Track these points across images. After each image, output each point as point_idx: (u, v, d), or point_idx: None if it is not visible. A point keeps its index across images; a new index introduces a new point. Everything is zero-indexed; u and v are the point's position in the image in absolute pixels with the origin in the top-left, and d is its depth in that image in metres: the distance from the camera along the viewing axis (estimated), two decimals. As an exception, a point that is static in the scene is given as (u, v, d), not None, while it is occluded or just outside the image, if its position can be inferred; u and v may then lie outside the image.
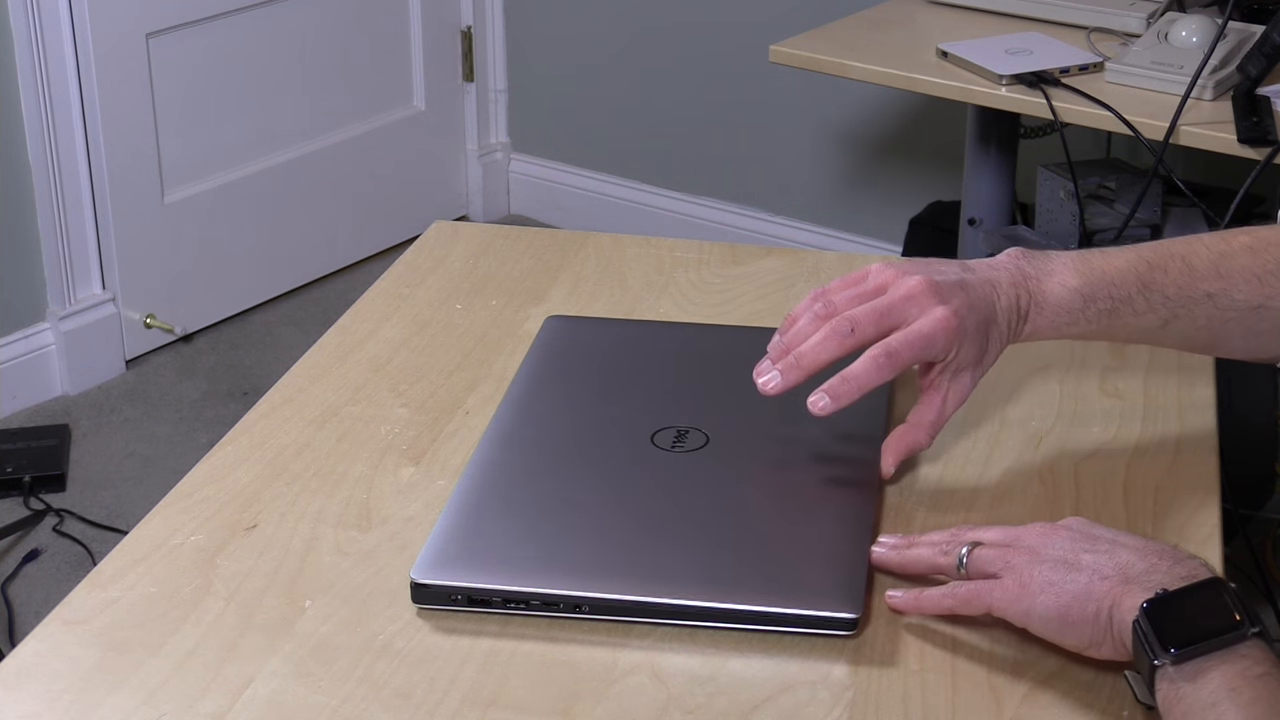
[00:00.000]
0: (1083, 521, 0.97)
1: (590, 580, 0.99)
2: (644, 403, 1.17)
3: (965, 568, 0.96)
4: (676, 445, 1.11)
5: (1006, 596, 0.93)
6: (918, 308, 1.05)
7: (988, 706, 0.92)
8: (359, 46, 3.43)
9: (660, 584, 0.98)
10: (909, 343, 1.04)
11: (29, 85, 2.86)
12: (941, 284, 1.05)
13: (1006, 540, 0.96)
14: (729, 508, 1.06)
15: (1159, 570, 0.89)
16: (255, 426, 1.21)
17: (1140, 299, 1.07)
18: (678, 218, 3.49)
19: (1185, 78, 1.99)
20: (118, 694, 0.93)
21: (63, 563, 2.57)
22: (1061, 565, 0.92)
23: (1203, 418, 1.19)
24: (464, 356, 1.30)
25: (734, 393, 1.15)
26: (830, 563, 1.00)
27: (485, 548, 1.03)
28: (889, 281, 1.06)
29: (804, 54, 2.25)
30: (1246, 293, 1.07)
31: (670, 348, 1.27)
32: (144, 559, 1.05)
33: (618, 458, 1.12)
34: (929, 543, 1.00)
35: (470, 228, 1.56)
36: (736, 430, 1.13)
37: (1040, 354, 1.27)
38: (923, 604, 0.97)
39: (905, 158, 3.18)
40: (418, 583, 0.99)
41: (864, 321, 1.05)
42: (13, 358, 2.97)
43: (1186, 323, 1.08)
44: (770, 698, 0.92)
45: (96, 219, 3.02)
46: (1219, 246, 1.08)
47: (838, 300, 1.07)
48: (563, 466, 1.11)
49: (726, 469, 1.09)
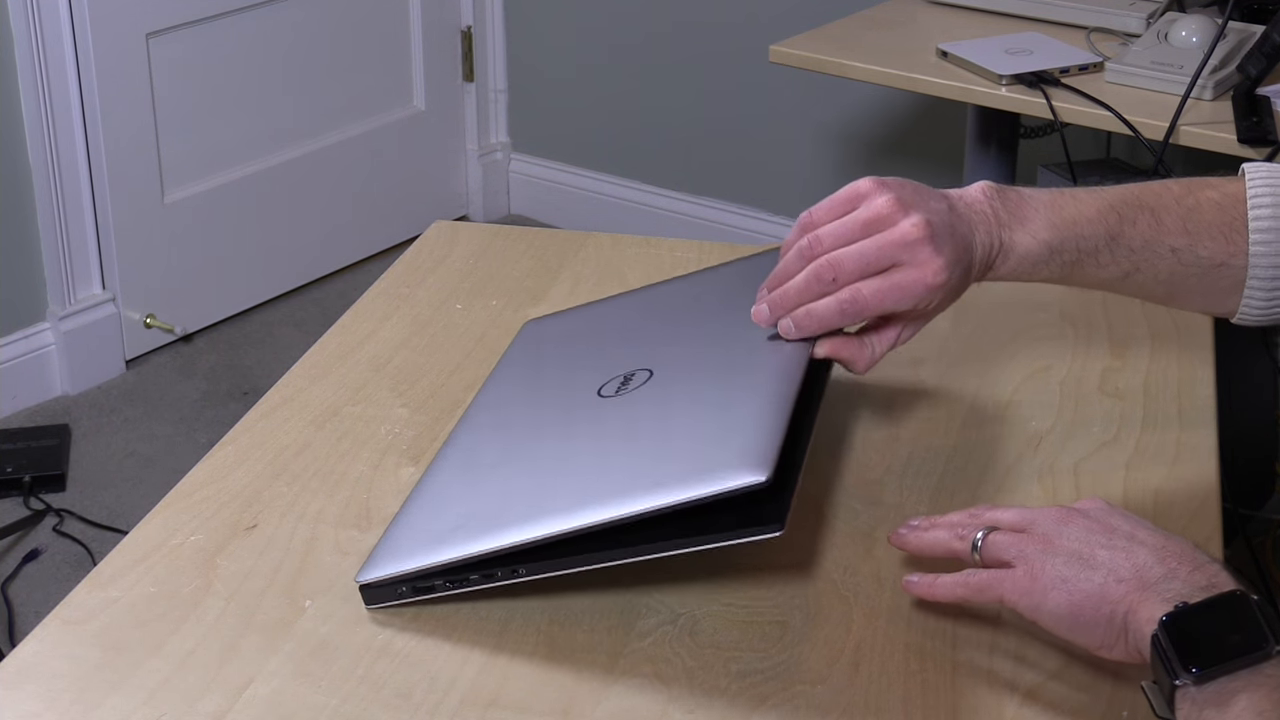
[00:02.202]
0: (1102, 506, 0.94)
1: (517, 531, 0.96)
2: (598, 365, 1.14)
3: (980, 554, 0.95)
4: (621, 390, 1.09)
5: (1018, 589, 0.91)
6: (909, 254, 1.02)
7: (988, 707, 0.92)
8: (359, 46, 3.43)
9: (580, 513, 0.95)
10: (882, 294, 1.02)
11: (29, 85, 2.86)
12: (937, 227, 1.02)
13: (1022, 524, 0.94)
14: (658, 426, 1.03)
15: (1178, 577, 0.87)
16: (255, 426, 1.21)
17: (1106, 252, 1.05)
18: (678, 218, 3.49)
19: (1185, 78, 1.99)
20: (118, 694, 0.93)
21: (63, 563, 2.57)
22: (1076, 560, 0.90)
23: (1203, 418, 1.19)
24: (464, 356, 1.30)
25: (685, 332, 1.13)
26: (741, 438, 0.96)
27: (426, 537, 1.01)
28: (881, 216, 1.03)
29: (804, 54, 2.25)
30: (1211, 249, 1.06)
31: (634, 311, 1.24)
32: (144, 559, 1.05)
33: (560, 420, 1.09)
34: (947, 524, 0.98)
35: (470, 228, 1.56)
36: (680, 361, 1.10)
37: (1040, 354, 1.27)
38: (937, 591, 0.95)
39: (905, 158, 3.18)
40: (363, 584, 0.99)
41: (848, 268, 1.02)
42: (13, 358, 2.97)
43: (1148, 275, 1.07)
44: (770, 697, 0.92)
45: (96, 219, 3.02)
46: (1187, 201, 1.07)
47: (825, 237, 1.04)
48: (505, 447, 1.09)
49: (663, 394, 1.06)
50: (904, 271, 1.02)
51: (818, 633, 0.97)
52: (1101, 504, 0.95)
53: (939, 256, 1.02)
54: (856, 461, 1.14)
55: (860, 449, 1.16)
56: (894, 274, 1.02)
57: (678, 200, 3.50)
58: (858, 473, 1.13)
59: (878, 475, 1.12)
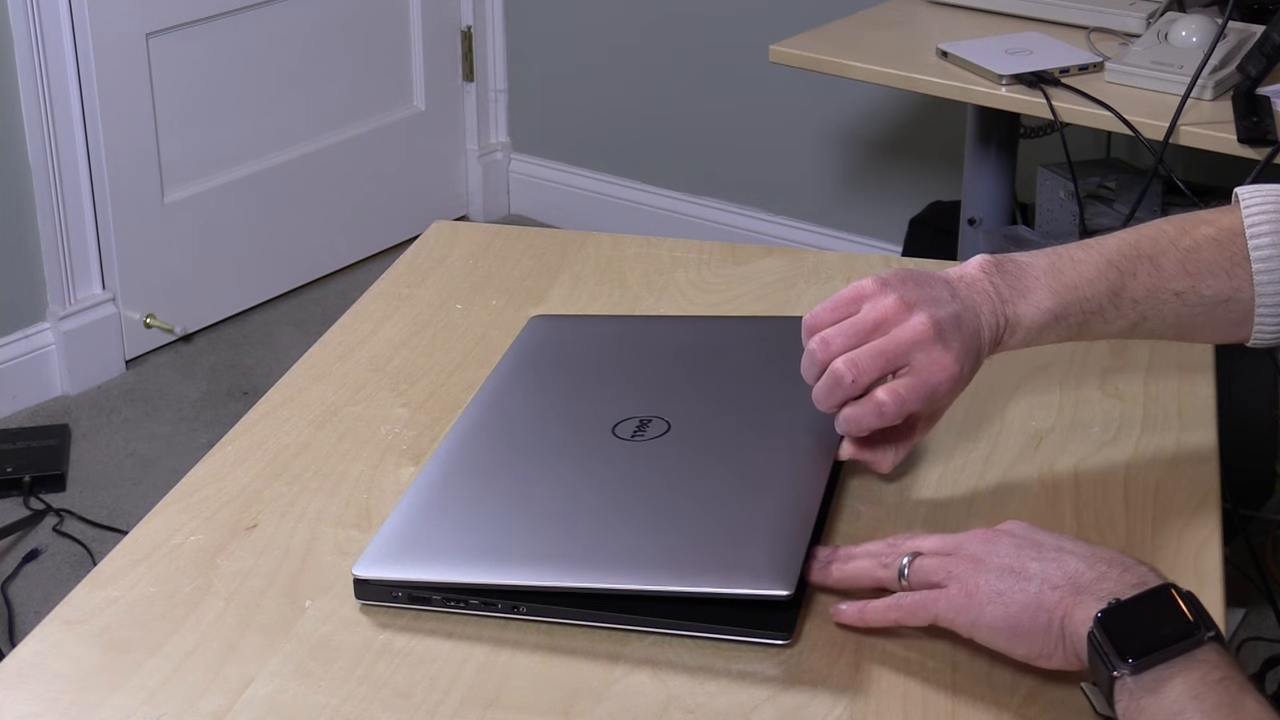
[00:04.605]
0: (1024, 526, 0.95)
1: (524, 570, 0.97)
2: (613, 396, 1.14)
3: (907, 578, 0.95)
4: (637, 435, 1.09)
5: (953, 606, 0.91)
6: (923, 352, 1.02)
7: (988, 706, 0.92)
8: (359, 46, 3.43)
9: (591, 570, 0.96)
10: (916, 392, 1.02)
11: (29, 85, 2.86)
12: (944, 323, 1.03)
13: (948, 549, 0.95)
14: (677, 494, 1.04)
15: (1109, 578, 0.88)
16: (255, 426, 1.21)
17: (1111, 308, 1.06)
18: (678, 218, 3.48)
19: (1185, 78, 1.99)
20: (118, 694, 0.93)
21: (63, 563, 2.57)
22: (1008, 574, 0.91)
23: (1203, 418, 1.19)
24: (464, 356, 1.30)
25: (703, 382, 1.14)
26: (766, 543, 0.98)
27: (429, 543, 1.02)
28: (888, 316, 1.03)
29: (804, 54, 2.25)
30: (1215, 287, 1.06)
31: (648, 341, 1.25)
32: (144, 559, 1.05)
33: (575, 451, 1.09)
34: (867, 554, 0.98)
35: (470, 228, 1.56)
36: (699, 419, 1.11)
37: (1040, 354, 1.27)
38: (867, 616, 0.96)
39: (905, 158, 3.18)
40: (359, 578, 0.99)
41: (866, 367, 1.02)
42: (13, 358, 2.97)
43: (1156, 322, 1.08)
44: (770, 698, 0.92)
45: (96, 219, 3.02)
46: (1184, 242, 1.07)
47: (833, 339, 1.04)
48: (519, 461, 1.09)
49: (682, 456, 1.07)
50: (923, 371, 1.02)
51: (818, 633, 0.97)
52: (1024, 525, 0.96)
53: (949, 352, 1.02)
54: (857, 462, 1.14)
55: (860, 449, 1.16)
56: (915, 373, 1.03)
57: (678, 200, 3.50)
58: (858, 473, 1.12)
59: (878, 476, 1.12)
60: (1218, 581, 1.01)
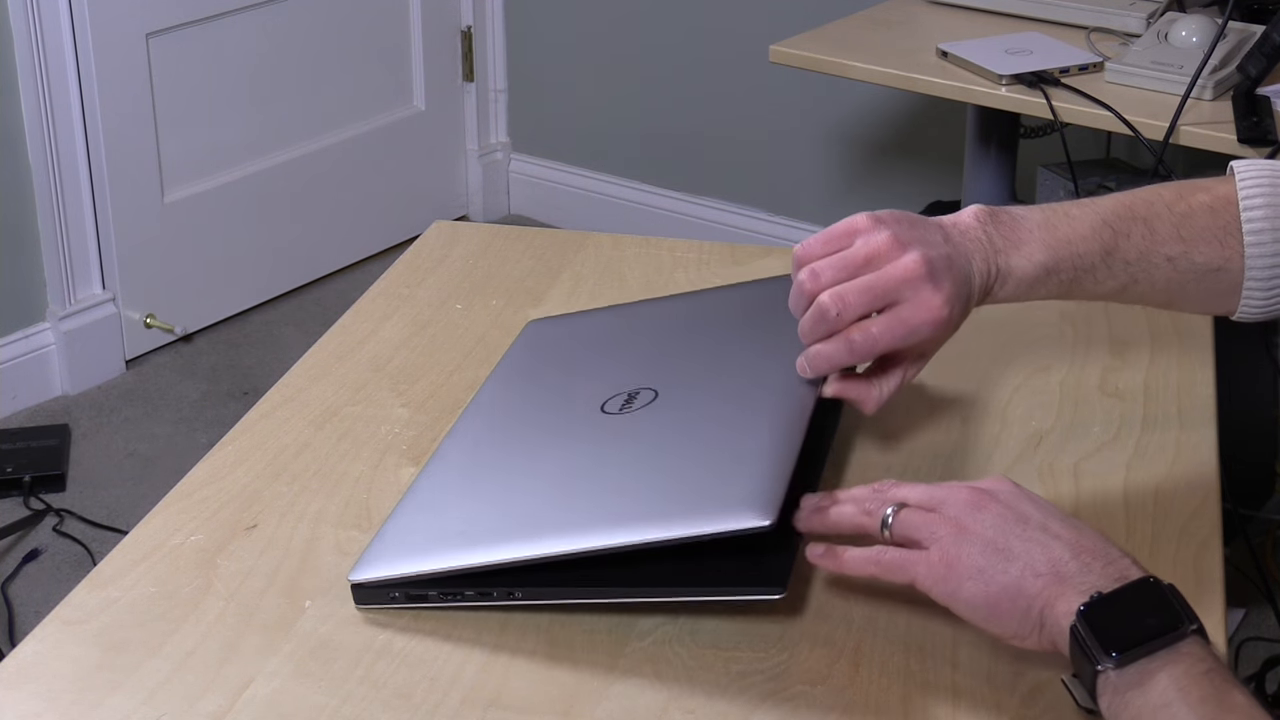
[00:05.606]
0: (1010, 489, 0.94)
1: (513, 546, 0.97)
2: (602, 378, 1.14)
3: (890, 531, 0.94)
4: (625, 408, 1.08)
5: (932, 574, 0.91)
6: (911, 290, 1.01)
7: (988, 706, 0.92)
8: (359, 46, 3.43)
9: (577, 535, 0.95)
10: (891, 331, 1.01)
11: (29, 85, 2.86)
12: (936, 262, 1.01)
13: (931, 503, 0.93)
14: (663, 454, 1.03)
15: (1093, 570, 0.88)
16: (255, 426, 1.21)
17: (1102, 267, 1.05)
18: (678, 218, 3.49)
19: (1185, 78, 1.99)
20: (118, 694, 0.93)
21: (63, 563, 2.57)
22: (991, 550, 0.90)
23: (1203, 417, 1.19)
24: (464, 356, 1.30)
25: (690, 351, 1.13)
26: (745, 479, 0.96)
27: (421, 542, 1.01)
28: (880, 252, 1.02)
29: (804, 54, 2.25)
30: (1207, 255, 1.06)
31: (639, 324, 1.24)
32: (144, 559, 1.05)
33: (562, 433, 1.09)
34: (851, 499, 0.97)
35: (470, 228, 1.56)
36: (686, 384, 1.10)
37: (1040, 354, 1.27)
38: (844, 563, 0.95)
39: (905, 158, 3.18)
40: (355, 583, 0.99)
41: (853, 302, 1.01)
42: (13, 358, 2.97)
43: (1146, 286, 1.07)
44: (770, 697, 0.92)
45: (96, 219, 3.02)
46: (1179, 207, 1.06)
47: (823, 271, 1.02)
48: (505, 454, 1.09)
49: (668, 419, 1.06)
50: (907, 308, 1.01)
51: (818, 633, 0.97)
52: (1009, 485, 0.94)
53: (939, 292, 1.01)
54: (857, 461, 1.14)
55: (860, 449, 1.16)
56: (898, 311, 1.01)
57: (678, 200, 3.50)
58: (858, 473, 1.13)
59: (878, 475, 1.12)
60: (1218, 581, 1.01)
